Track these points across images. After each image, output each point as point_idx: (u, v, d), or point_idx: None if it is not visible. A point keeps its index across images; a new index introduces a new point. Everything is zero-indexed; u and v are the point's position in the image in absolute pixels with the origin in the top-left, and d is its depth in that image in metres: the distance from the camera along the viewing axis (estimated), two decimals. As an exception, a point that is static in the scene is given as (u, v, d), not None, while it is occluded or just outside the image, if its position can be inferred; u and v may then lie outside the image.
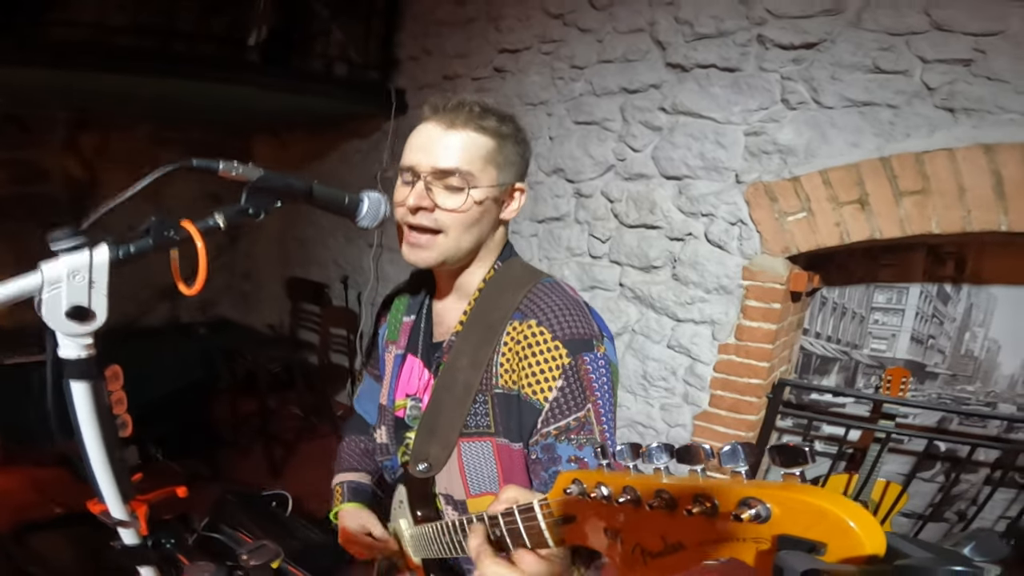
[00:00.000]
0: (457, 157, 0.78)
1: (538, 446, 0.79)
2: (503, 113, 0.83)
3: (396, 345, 0.98)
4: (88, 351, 0.59)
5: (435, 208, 0.79)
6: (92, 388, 0.60)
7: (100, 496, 0.67)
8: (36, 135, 3.51)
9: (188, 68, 2.69)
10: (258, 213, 0.70)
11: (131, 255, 0.59)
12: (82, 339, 0.58)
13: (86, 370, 0.59)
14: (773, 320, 2.18)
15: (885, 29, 1.86)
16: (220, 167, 0.67)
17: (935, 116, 1.83)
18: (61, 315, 0.55)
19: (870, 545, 0.29)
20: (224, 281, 4.60)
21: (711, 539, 0.36)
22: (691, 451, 0.40)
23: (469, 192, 0.78)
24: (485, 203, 0.80)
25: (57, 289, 0.55)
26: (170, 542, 0.80)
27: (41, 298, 0.54)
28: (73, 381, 0.59)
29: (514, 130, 0.84)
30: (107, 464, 0.65)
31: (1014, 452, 2.05)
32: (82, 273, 0.56)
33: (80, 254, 0.56)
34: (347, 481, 1.04)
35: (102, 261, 0.57)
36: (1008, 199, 1.73)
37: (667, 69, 2.34)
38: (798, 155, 2.07)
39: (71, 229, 0.56)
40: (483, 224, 0.82)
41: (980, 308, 2.18)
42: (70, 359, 0.58)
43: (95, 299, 0.57)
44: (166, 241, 0.61)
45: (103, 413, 0.62)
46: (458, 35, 3.06)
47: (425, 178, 0.79)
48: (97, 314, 0.57)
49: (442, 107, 0.80)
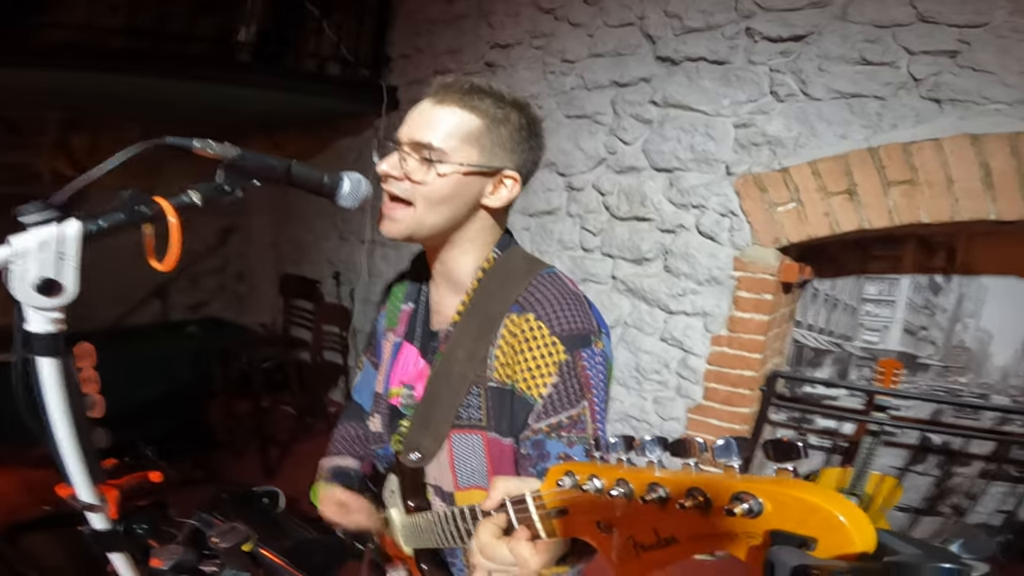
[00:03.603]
0: (433, 131, 0.77)
1: (528, 442, 0.78)
2: (508, 98, 0.80)
3: (394, 332, 0.97)
4: (57, 326, 0.58)
5: (404, 178, 0.78)
6: (60, 365, 0.59)
7: (67, 479, 0.66)
8: (27, 136, 3.50)
9: (180, 68, 2.69)
10: (234, 190, 0.69)
11: (103, 229, 0.58)
12: (50, 313, 0.57)
13: (53, 346, 0.58)
14: (765, 311, 2.18)
15: (871, 21, 1.87)
16: (196, 145, 0.66)
17: (922, 107, 1.84)
18: (29, 288, 0.55)
19: (860, 541, 0.29)
20: (216, 279, 4.59)
21: (703, 533, 0.37)
22: (684, 445, 0.41)
23: (434, 166, 0.77)
24: (453, 181, 0.78)
25: (25, 261, 0.54)
26: (142, 527, 0.78)
27: (9, 269, 0.54)
28: (40, 357, 0.58)
29: (512, 115, 0.79)
30: (74, 444, 0.63)
31: (1007, 444, 2.05)
32: (51, 245, 0.55)
33: (50, 227, 0.55)
34: (330, 465, 1.04)
35: (73, 234, 0.57)
36: (996, 188, 1.74)
37: (657, 62, 2.34)
38: (787, 146, 2.07)
39: (40, 202, 0.56)
40: (455, 204, 0.80)
41: (971, 298, 2.19)
42: (37, 334, 0.57)
43: (65, 272, 0.56)
44: (138, 215, 0.61)
45: (72, 391, 0.61)
46: (449, 31, 3.07)
47: (402, 148, 0.78)
48: (66, 287, 0.56)
49: (443, 83, 0.80)
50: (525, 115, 0.82)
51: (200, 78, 2.71)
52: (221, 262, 4.60)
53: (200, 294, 4.48)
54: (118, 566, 0.76)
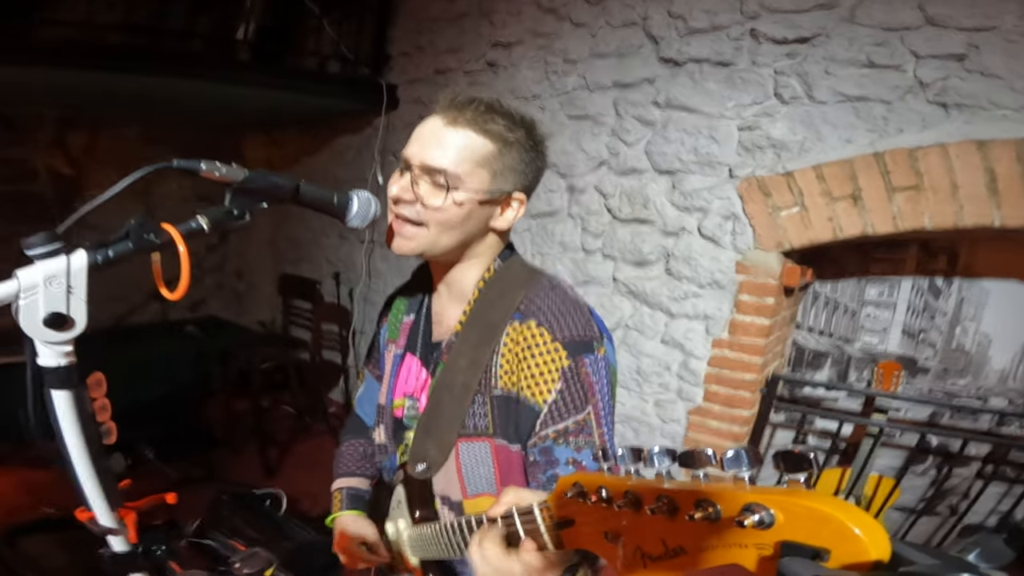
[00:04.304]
0: (448, 157, 0.76)
1: (536, 448, 0.78)
2: (517, 117, 0.79)
3: (396, 344, 0.97)
4: (68, 359, 0.57)
5: (416, 202, 0.78)
6: (74, 396, 0.59)
7: (87, 504, 0.66)
8: (24, 134, 3.47)
9: (179, 66, 2.66)
10: (243, 214, 0.68)
11: (110, 259, 0.57)
12: (61, 347, 0.56)
13: (66, 378, 0.58)
14: (766, 315, 2.18)
15: (879, 24, 1.86)
16: (202, 168, 0.65)
17: (928, 112, 1.82)
18: (39, 322, 0.54)
19: (875, 551, 0.28)
20: (215, 279, 4.57)
21: (713, 544, 0.36)
22: (693, 456, 0.40)
23: (450, 193, 0.76)
24: (468, 206, 0.78)
25: (34, 296, 0.53)
26: (160, 549, 0.78)
27: (18, 305, 0.53)
28: (54, 390, 0.58)
29: (524, 137, 0.79)
30: (92, 472, 0.64)
31: (1005, 446, 2.07)
32: (59, 279, 0.54)
33: (57, 260, 0.55)
34: (346, 487, 1.04)
35: (80, 266, 0.56)
36: (1001, 195, 1.73)
37: (660, 63, 2.32)
38: (791, 150, 2.06)
39: (47, 234, 0.54)
40: (468, 227, 0.80)
41: (971, 302, 2.19)
42: (49, 367, 0.56)
43: (74, 305, 0.55)
44: (146, 244, 0.60)
45: (86, 421, 0.61)
46: (451, 30, 3.04)
47: (413, 171, 0.78)
48: (76, 321, 0.56)
49: (453, 101, 0.78)
50: (533, 136, 0.82)
51: (199, 76, 2.68)
52: (219, 260, 4.58)
53: (200, 292, 4.46)
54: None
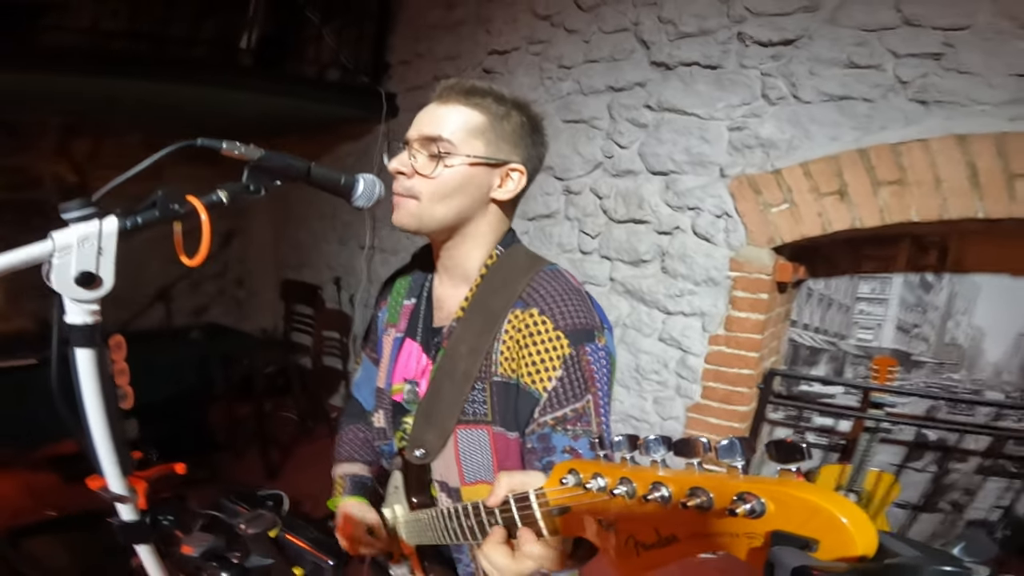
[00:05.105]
0: (440, 125, 0.80)
1: (534, 435, 0.78)
2: (505, 96, 0.83)
3: (395, 328, 0.97)
4: (94, 317, 0.61)
5: (413, 173, 0.81)
6: (96, 355, 0.62)
7: (99, 470, 0.68)
8: (28, 141, 3.52)
9: (180, 73, 2.71)
10: (259, 190, 0.73)
11: (138, 225, 0.62)
12: (89, 305, 0.60)
13: (91, 336, 0.61)
14: (761, 310, 2.22)
15: (859, 25, 1.93)
16: (224, 146, 0.70)
17: (910, 108, 1.89)
18: (70, 280, 0.58)
19: (862, 543, 0.29)
20: (217, 286, 4.60)
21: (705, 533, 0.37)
22: (688, 444, 0.41)
23: (441, 160, 0.79)
24: (460, 173, 0.80)
25: (67, 255, 0.57)
26: (167, 519, 0.81)
27: (51, 263, 0.57)
28: (78, 348, 0.61)
29: (513, 112, 0.83)
30: (108, 434, 0.66)
31: (1003, 440, 2.08)
32: (91, 240, 0.58)
33: (90, 223, 0.59)
34: (350, 474, 1.03)
35: (111, 230, 0.60)
36: (983, 187, 1.79)
37: (652, 67, 2.39)
38: (780, 148, 2.12)
39: (82, 200, 0.59)
40: (464, 197, 0.82)
41: (963, 296, 2.23)
42: (76, 324, 0.60)
43: (103, 266, 0.59)
44: (171, 213, 0.64)
45: (106, 382, 0.64)
46: (449, 37, 3.12)
47: (412, 146, 0.81)
48: (104, 280, 0.60)
49: (444, 85, 0.84)
50: (526, 113, 0.85)
51: (202, 82, 2.74)
52: (221, 267, 4.62)
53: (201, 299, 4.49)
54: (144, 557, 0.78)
